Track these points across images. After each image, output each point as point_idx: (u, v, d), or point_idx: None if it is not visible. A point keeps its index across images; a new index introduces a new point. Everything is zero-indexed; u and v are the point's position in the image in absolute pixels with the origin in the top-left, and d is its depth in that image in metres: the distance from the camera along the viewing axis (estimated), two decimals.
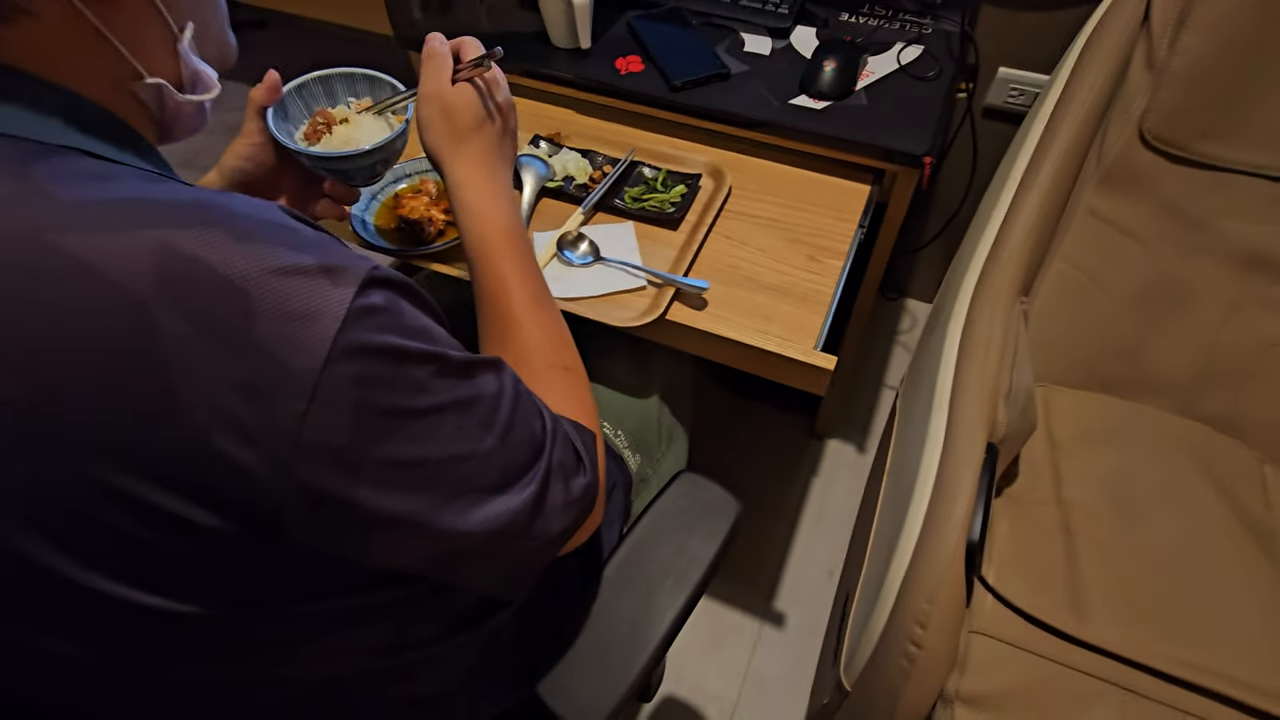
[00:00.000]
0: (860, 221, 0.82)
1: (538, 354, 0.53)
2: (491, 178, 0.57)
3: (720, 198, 0.83)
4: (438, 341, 0.39)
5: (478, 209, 0.55)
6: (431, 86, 0.56)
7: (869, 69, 0.91)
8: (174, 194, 0.33)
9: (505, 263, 0.55)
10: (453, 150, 0.56)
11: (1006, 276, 0.80)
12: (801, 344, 0.71)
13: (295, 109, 0.61)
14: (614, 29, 0.99)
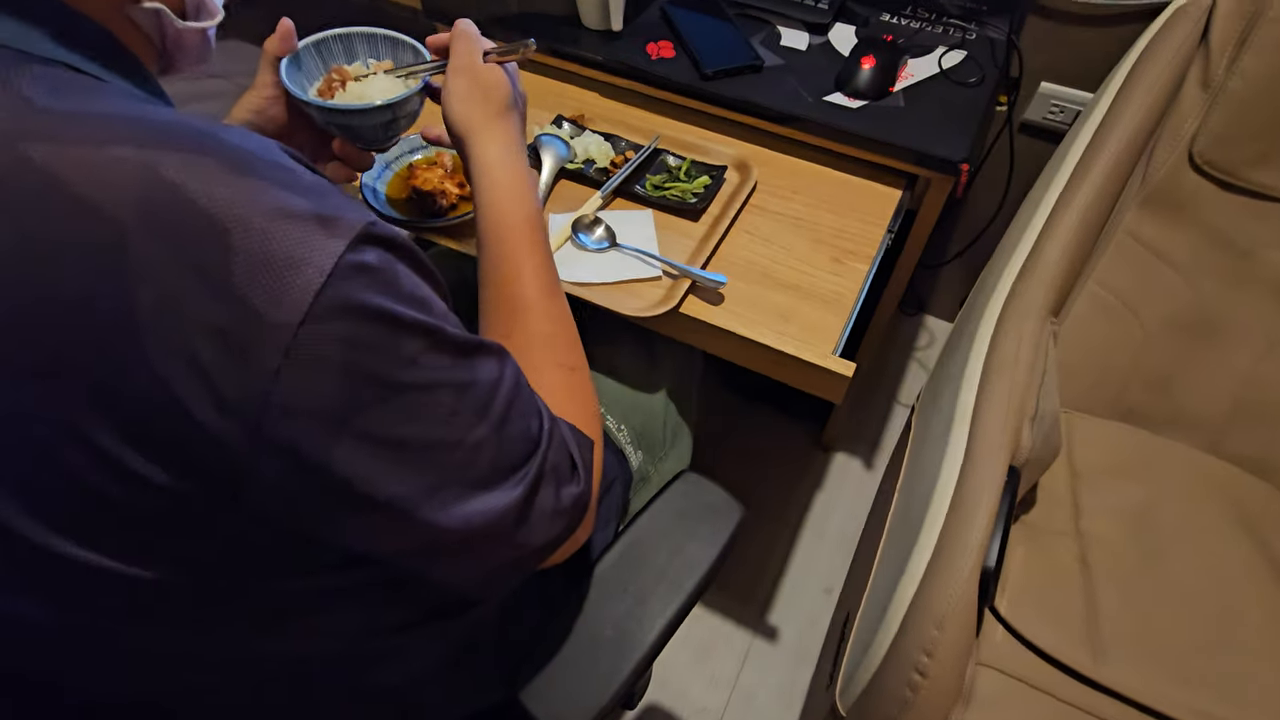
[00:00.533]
0: (889, 226, 0.79)
1: (544, 348, 0.49)
2: (517, 158, 0.54)
3: (745, 192, 0.80)
4: (435, 314, 0.36)
5: (502, 185, 0.53)
6: (466, 59, 0.54)
7: (908, 71, 0.88)
8: (164, 116, 0.31)
9: (524, 247, 0.52)
10: (484, 126, 0.53)
11: (1039, 294, 0.77)
12: (820, 347, 0.67)
13: (312, 65, 0.59)
14: (647, 13, 0.96)
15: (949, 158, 0.77)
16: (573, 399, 0.48)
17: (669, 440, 0.79)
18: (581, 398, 0.49)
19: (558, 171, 0.82)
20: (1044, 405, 0.68)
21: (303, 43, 0.57)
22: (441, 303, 0.38)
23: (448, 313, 0.38)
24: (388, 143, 0.60)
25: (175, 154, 0.28)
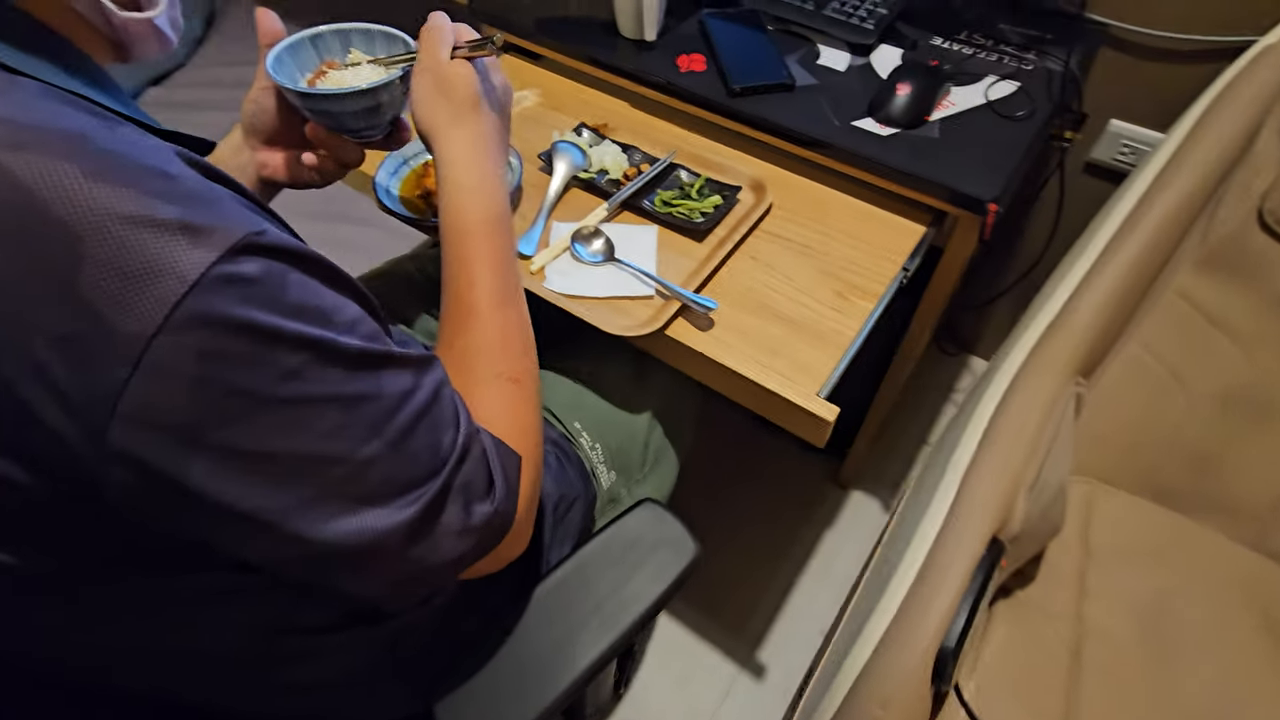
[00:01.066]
0: (905, 264, 0.74)
1: (486, 357, 0.48)
2: (482, 158, 0.53)
3: (757, 214, 0.77)
4: (336, 325, 0.35)
5: (462, 187, 0.52)
6: (428, 59, 0.53)
7: (949, 99, 0.82)
8: (47, 119, 0.31)
9: (478, 250, 0.51)
10: (446, 126, 0.53)
11: (1064, 352, 0.70)
12: (804, 387, 0.64)
13: (307, 57, 0.59)
14: (685, 24, 0.94)
15: (977, 196, 0.72)
16: (509, 412, 0.47)
17: (649, 462, 0.77)
18: (519, 412, 0.48)
19: (569, 180, 0.82)
20: (1048, 474, 0.62)
21: (299, 36, 0.57)
22: (355, 310, 0.38)
23: (359, 321, 0.37)
24: (372, 132, 0.59)
25: (34, 157, 0.28)
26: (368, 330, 0.38)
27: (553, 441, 0.68)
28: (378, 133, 0.59)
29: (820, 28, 0.90)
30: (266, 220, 0.35)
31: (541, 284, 0.71)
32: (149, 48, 0.42)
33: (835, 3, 0.90)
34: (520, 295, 0.53)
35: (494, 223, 0.52)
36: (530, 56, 1.01)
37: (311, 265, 0.35)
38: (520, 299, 0.53)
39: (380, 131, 0.59)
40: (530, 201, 0.81)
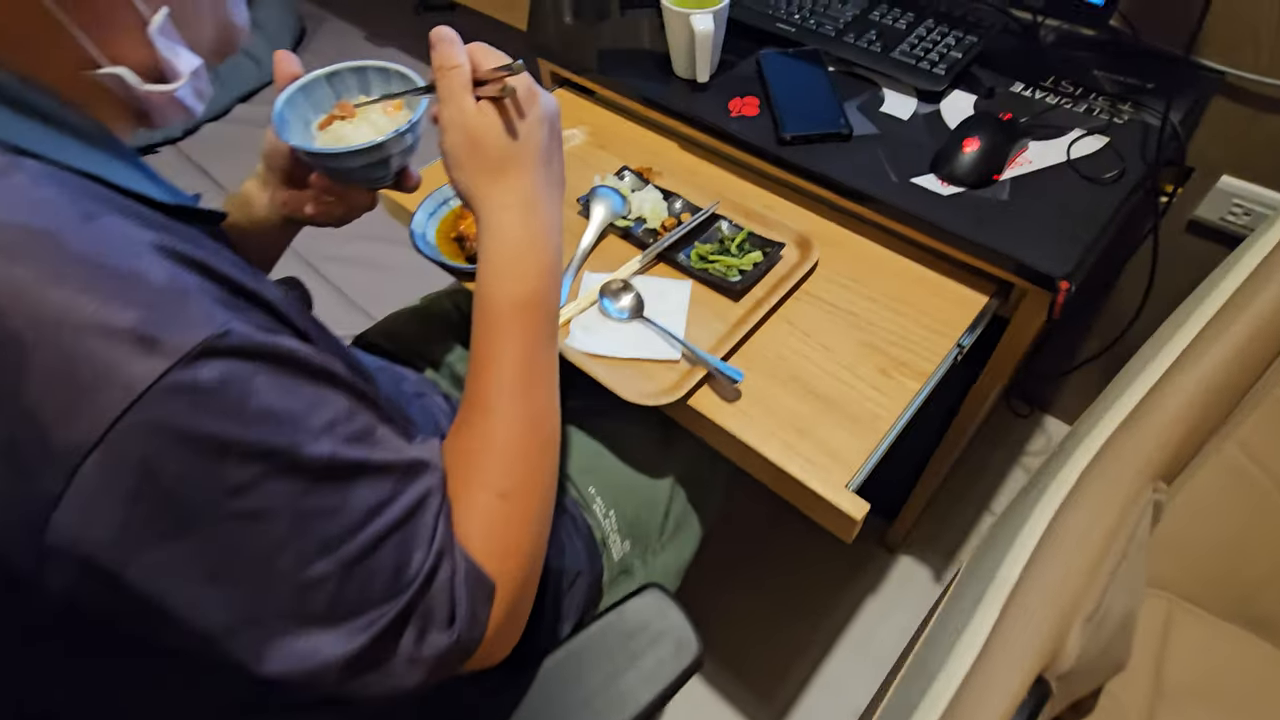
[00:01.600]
0: (961, 339, 0.67)
1: (484, 465, 0.44)
2: (526, 220, 0.48)
3: (800, 274, 0.72)
4: (305, 429, 0.33)
5: (495, 262, 0.47)
6: (453, 112, 0.47)
7: (1025, 156, 0.74)
8: (22, 215, 0.30)
9: (504, 337, 0.46)
10: (486, 189, 0.47)
11: (1141, 451, 0.61)
12: (832, 476, 0.58)
13: (322, 96, 0.57)
14: (742, 64, 0.90)
15: (1046, 271, 0.64)
16: (494, 531, 0.43)
17: (669, 531, 0.73)
18: (506, 530, 0.44)
19: (605, 227, 0.79)
20: (1112, 602, 0.54)
21: (313, 75, 0.56)
22: (339, 406, 0.36)
23: (341, 420, 0.35)
24: (381, 181, 0.57)
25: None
26: (351, 430, 0.36)
27: (562, 508, 0.65)
28: (388, 180, 0.57)
29: (886, 71, 0.83)
30: (242, 314, 0.34)
31: (564, 341, 0.69)
32: (172, 117, 0.42)
33: (905, 44, 0.84)
34: (547, 388, 0.48)
35: (527, 306, 0.47)
36: (581, 91, 0.99)
37: (286, 363, 0.34)
38: (545, 393, 0.48)
39: (391, 179, 0.57)
40: (564, 249, 0.78)
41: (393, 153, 0.53)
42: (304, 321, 0.43)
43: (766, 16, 0.92)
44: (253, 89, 1.81)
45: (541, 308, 0.48)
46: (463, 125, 0.47)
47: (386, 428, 0.40)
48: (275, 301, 0.39)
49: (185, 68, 0.41)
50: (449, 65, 0.47)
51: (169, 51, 0.40)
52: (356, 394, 0.39)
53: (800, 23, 0.90)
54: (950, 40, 0.84)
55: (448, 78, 0.47)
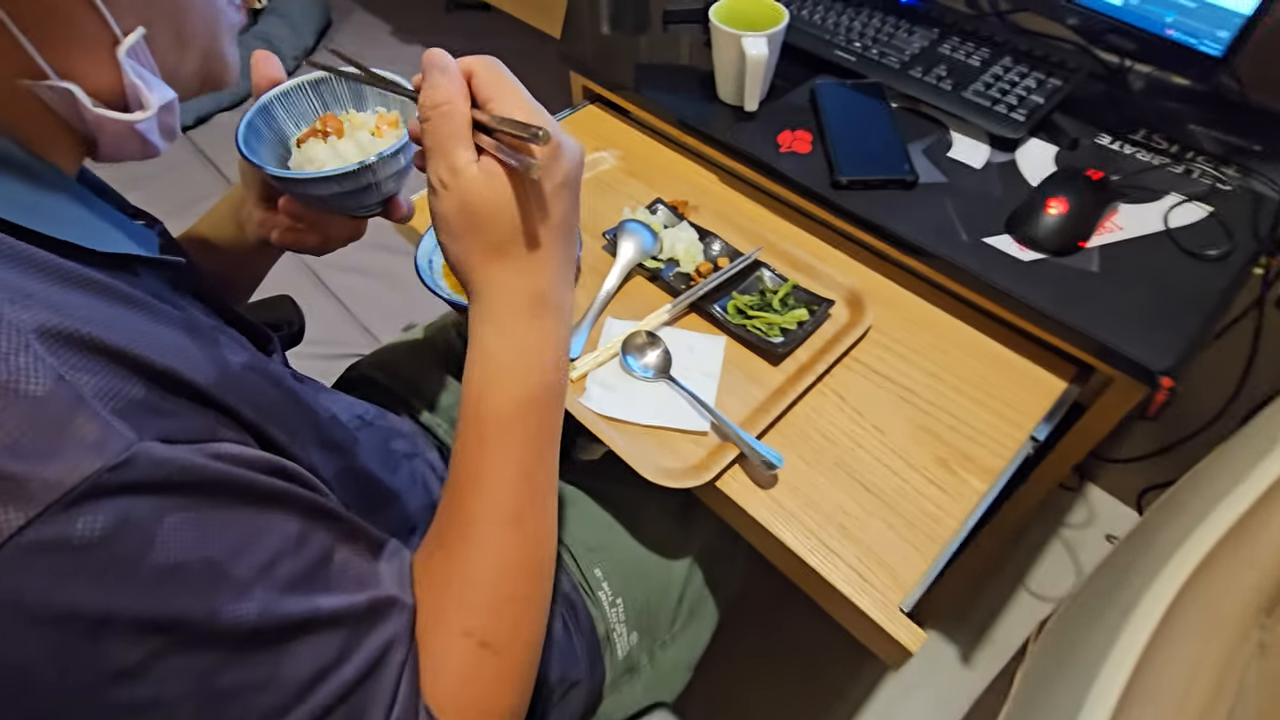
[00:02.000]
0: (1035, 431, 0.58)
1: (460, 599, 0.36)
2: (539, 308, 0.38)
3: (850, 339, 0.63)
4: (229, 580, 0.26)
5: (492, 355, 0.38)
6: (443, 171, 0.35)
7: (1116, 221, 0.65)
8: None
9: (500, 444, 0.38)
10: (485, 270, 0.37)
11: (1247, 580, 0.52)
12: (882, 593, 0.50)
13: (306, 107, 0.49)
14: (794, 93, 0.81)
15: (1145, 364, 0.55)
16: (471, 688, 0.35)
17: (681, 618, 0.64)
18: (486, 687, 0.35)
19: (633, 267, 0.70)
20: None
21: (295, 81, 0.48)
22: (284, 535, 0.29)
23: (285, 555, 0.28)
24: (369, 212, 0.49)
25: None
26: (296, 569, 0.28)
27: (563, 595, 0.57)
28: (374, 209, 0.49)
29: (957, 112, 0.75)
30: (163, 421, 0.26)
31: (578, 399, 0.60)
32: (127, 151, 0.34)
33: (979, 84, 0.75)
34: (545, 511, 0.40)
35: (528, 407, 0.38)
36: (615, 110, 0.91)
37: (215, 490, 0.26)
38: (544, 517, 0.40)
39: (377, 208, 0.49)
40: (585, 289, 0.70)
41: (378, 178, 0.44)
42: (265, 396, 0.35)
43: (824, 43, 0.83)
44: None
45: (545, 407, 0.39)
46: (458, 191, 0.35)
47: (348, 548, 0.32)
48: (223, 387, 0.31)
49: (154, 99, 0.33)
50: (436, 104, 0.35)
51: (138, 77, 0.32)
52: (311, 510, 0.31)
53: (861, 52, 0.81)
54: (1030, 82, 0.75)
55: (436, 123, 0.35)
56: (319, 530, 0.31)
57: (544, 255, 0.38)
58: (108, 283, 0.30)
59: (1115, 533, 1.16)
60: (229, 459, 0.28)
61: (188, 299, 0.39)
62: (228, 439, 0.30)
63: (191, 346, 0.32)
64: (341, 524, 0.33)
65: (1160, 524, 0.65)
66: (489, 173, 0.35)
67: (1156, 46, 0.67)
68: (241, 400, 0.32)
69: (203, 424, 0.29)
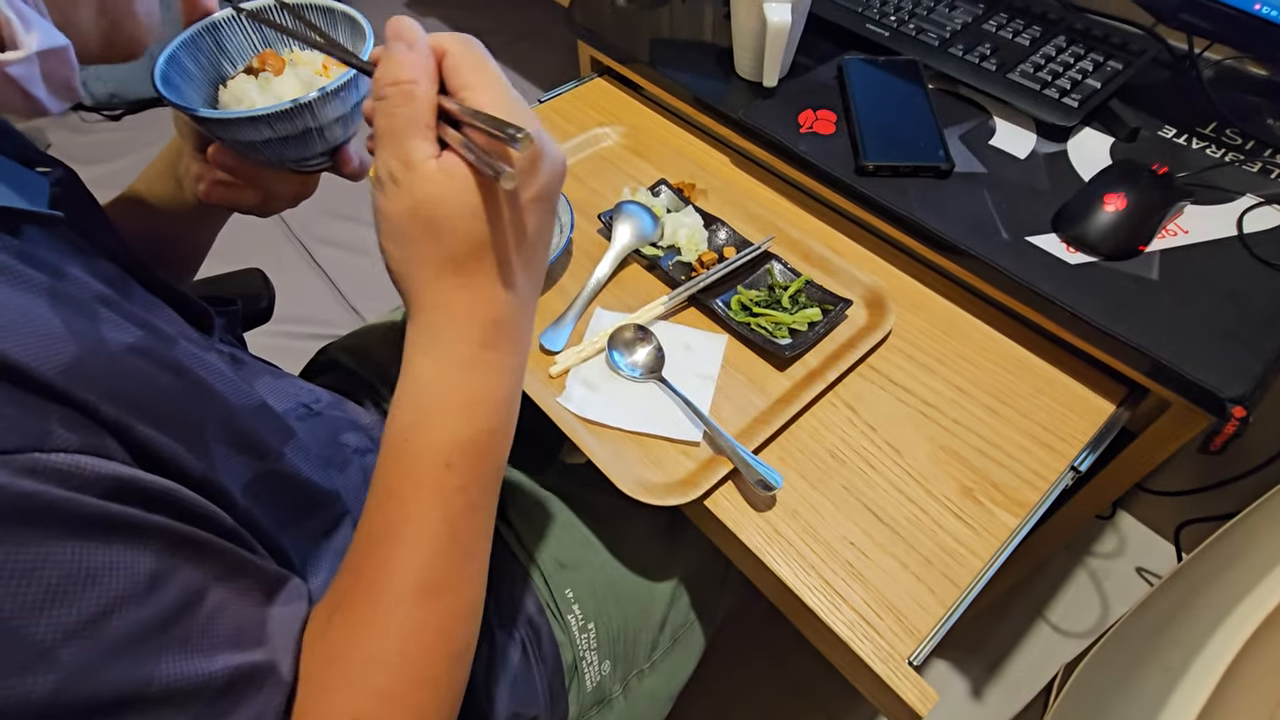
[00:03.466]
0: (1077, 460, 0.51)
1: (350, 684, 0.29)
2: (493, 338, 0.32)
3: (868, 343, 0.56)
4: (24, 644, 0.20)
5: (435, 399, 0.32)
6: (394, 164, 0.29)
7: (1181, 224, 0.57)
8: None
9: (428, 502, 0.31)
10: (432, 285, 0.31)
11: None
12: (889, 644, 0.43)
13: (241, 42, 0.43)
14: (819, 70, 0.74)
15: (1213, 390, 0.47)
16: None
17: (663, 646, 0.58)
18: None
19: (627, 253, 0.63)
20: None
21: (226, 11, 0.42)
22: (123, 582, 0.23)
23: (110, 615, 0.22)
24: (316, 165, 0.43)
25: None
26: (135, 623, 0.23)
27: (527, 618, 0.51)
28: (322, 161, 0.42)
29: (1001, 95, 0.67)
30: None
31: (555, 398, 0.54)
32: (5, 100, 0.27)
33: (1027, 64, 0.67)
34: (475, 580, 0.33)
35: (466, 452, 0.32)
36: (624, 83, 0.84)
37: (14, 519, 0.21)
38: (472, 587, 0.33)
39: (324, 160, 0.42)
40: (573, 275, 0.63)
41: (319, 122, 0.38)
42: (150, 386, 0.29)
43: (855, 15, 0.76)
44: None
45: (485, 453, 0.33)
46: (410, 189, 0.29)
47: (226, 589, 0.26)
48: (76, 377, 0.25)
49: (34, 41, 0.26)
50: (396, 81, 0.29)
51: (12, 12, 0.26)
52: (175, 542, 0.25)
53: (896, 26, 0.74)
54: (1086, 65, 0.66)
55: (392, 103, 0.29)
56: (184, 568, 0.25)
57: (507, 278, 0.31)
58: None
59: (1147, 566, 1.07)
60: (50, 475, 0.22)
61: (80, 262, 0.33)
62: (60, 447, 0.23)
63: (51, 321, 0.26)
64: (221, 558, 0.27)
65: (1214, 570, 0.57)
66: (450, 172, 0.29)
67: (1241, 25, 0.59)
68: (104, 393, 0.26)
69: (26, 427, 0.23)
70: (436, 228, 0.30)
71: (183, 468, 0.29)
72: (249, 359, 0.50)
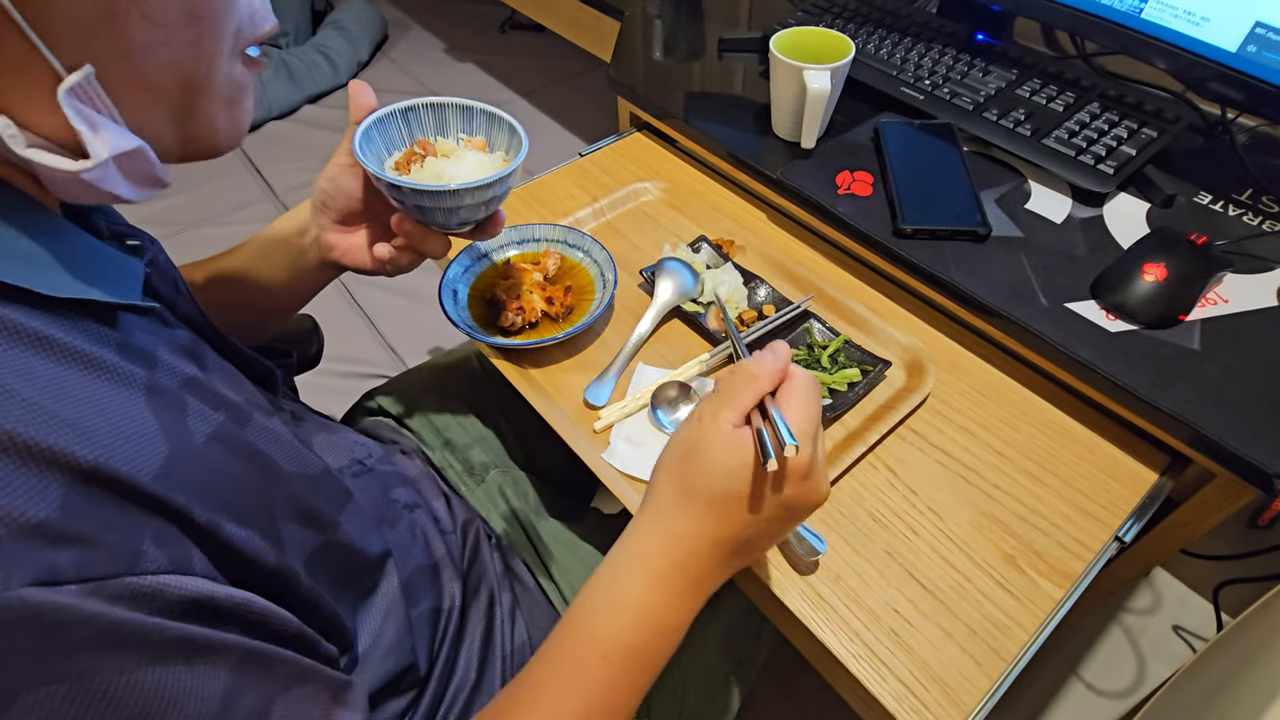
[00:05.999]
0: (1121, 529, 0.51)
1: None
2: (685, 569, 0.37)
3: (908, 405, 0.57)
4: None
5: (619, 595, 0.37)
6: (709, 412, 0.37)
7: (1221, 292, 0.58)
8: None
9: (570, 685, 0.36)
10: (666, 500, 0.38)
11: None
12: (936, 718, 0.42)
13: (397, 133, 0.52)
14: (856, 131, 0.76)
15: (1260, 465, 0.47)
16: None
17: (702, 703, 0.57)
18: None
19: (670, 310, 0.65)
20: None
21: (388, 109, 0.51)
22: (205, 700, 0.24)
23: None
24: (463, 228, 0.51)
25: None
26: None
27: None
28: (471, 225, 0.51)
29: (1037, 160, 0.68)
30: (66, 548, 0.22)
31: (600, 453, 0.55)
32: (85, 197, 0.29)
33: (1061, 130, 0.68)
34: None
35: (626, 660, 0.36)
36: (662, 139, 0.87)
37: (105, 648, 0.22)
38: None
39: (474, 224, 0.51)
40: (615, 330, 0.65)
41: (493, 196, 0.48)
42: (228, 477, 0.30)
43: (890, 78, 0.78)
44: (324, 90, 1.76)
45: (641, 672, 0.37)
46: (704, 430, 0.37)
47: (295, 695, 0.27)
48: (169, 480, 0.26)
49: (104, 149, 0.27)
50: (752, 373, 0.37)
51: (83, 122, 0.27)
52: (247, 658, 0.26)
53: (930, 90, 0.76)
54: (1121, 131, 0.68)
55: (739, 381, 0.38)
56: (254, 683, 0.26)
57: (721, 530, 0.37)
58: (59, 339, 0.26)
59: (1185, 625, 1.05)
60: (139, 599, 0.23)
61: (169, 335, 0.34)
62: (150, 569, 0.24)
63: (147, 420, 0.27)
64: (287, 666, 0.28)
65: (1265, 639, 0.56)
66: (735, 437, 0.36)
67: (1270, 98, 0.60)
68: (193, 494, 0.27)
69: (123, 550, 0.24)
70: (700, 463, 0.37)
71: (259, 558, 0.30)
72: (306, 414, 0.52)
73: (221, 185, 1.51)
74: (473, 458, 0.66)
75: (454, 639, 0.51)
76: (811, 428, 0.36)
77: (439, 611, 0.50)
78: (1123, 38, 0.66)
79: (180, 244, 1.31)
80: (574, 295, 0.65)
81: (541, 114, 1.77)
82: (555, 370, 0.61)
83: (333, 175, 0.51)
